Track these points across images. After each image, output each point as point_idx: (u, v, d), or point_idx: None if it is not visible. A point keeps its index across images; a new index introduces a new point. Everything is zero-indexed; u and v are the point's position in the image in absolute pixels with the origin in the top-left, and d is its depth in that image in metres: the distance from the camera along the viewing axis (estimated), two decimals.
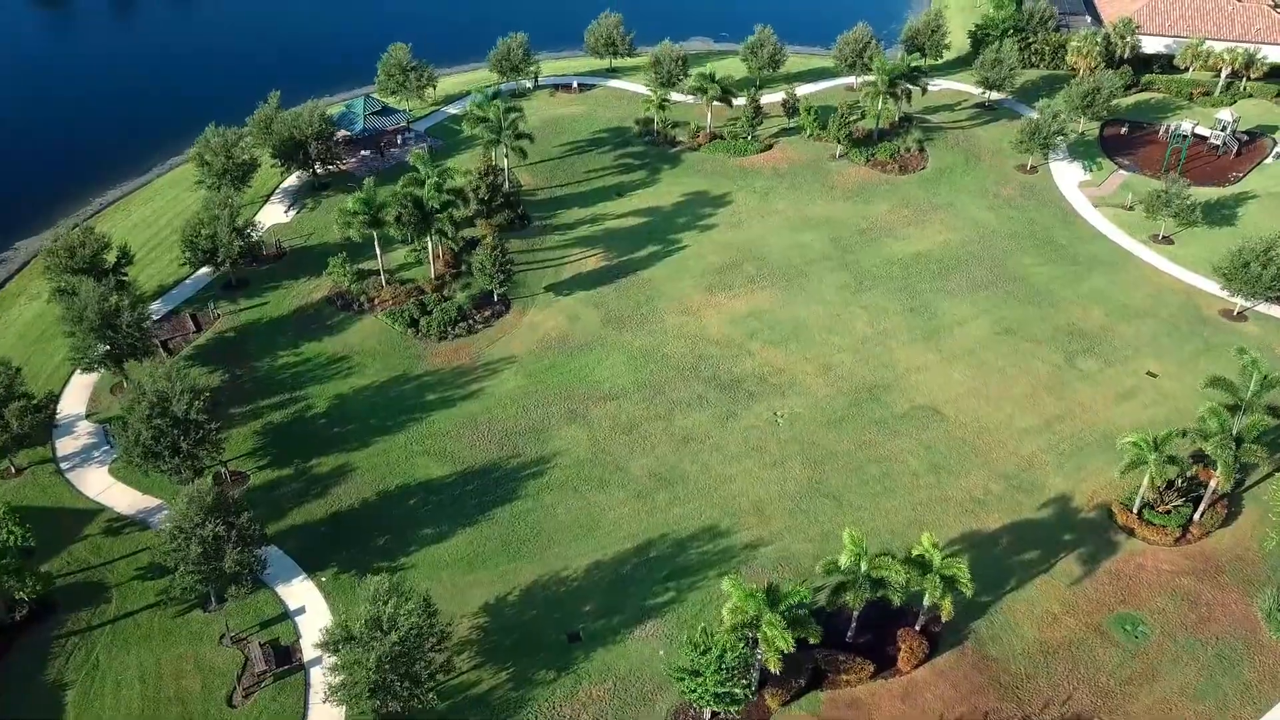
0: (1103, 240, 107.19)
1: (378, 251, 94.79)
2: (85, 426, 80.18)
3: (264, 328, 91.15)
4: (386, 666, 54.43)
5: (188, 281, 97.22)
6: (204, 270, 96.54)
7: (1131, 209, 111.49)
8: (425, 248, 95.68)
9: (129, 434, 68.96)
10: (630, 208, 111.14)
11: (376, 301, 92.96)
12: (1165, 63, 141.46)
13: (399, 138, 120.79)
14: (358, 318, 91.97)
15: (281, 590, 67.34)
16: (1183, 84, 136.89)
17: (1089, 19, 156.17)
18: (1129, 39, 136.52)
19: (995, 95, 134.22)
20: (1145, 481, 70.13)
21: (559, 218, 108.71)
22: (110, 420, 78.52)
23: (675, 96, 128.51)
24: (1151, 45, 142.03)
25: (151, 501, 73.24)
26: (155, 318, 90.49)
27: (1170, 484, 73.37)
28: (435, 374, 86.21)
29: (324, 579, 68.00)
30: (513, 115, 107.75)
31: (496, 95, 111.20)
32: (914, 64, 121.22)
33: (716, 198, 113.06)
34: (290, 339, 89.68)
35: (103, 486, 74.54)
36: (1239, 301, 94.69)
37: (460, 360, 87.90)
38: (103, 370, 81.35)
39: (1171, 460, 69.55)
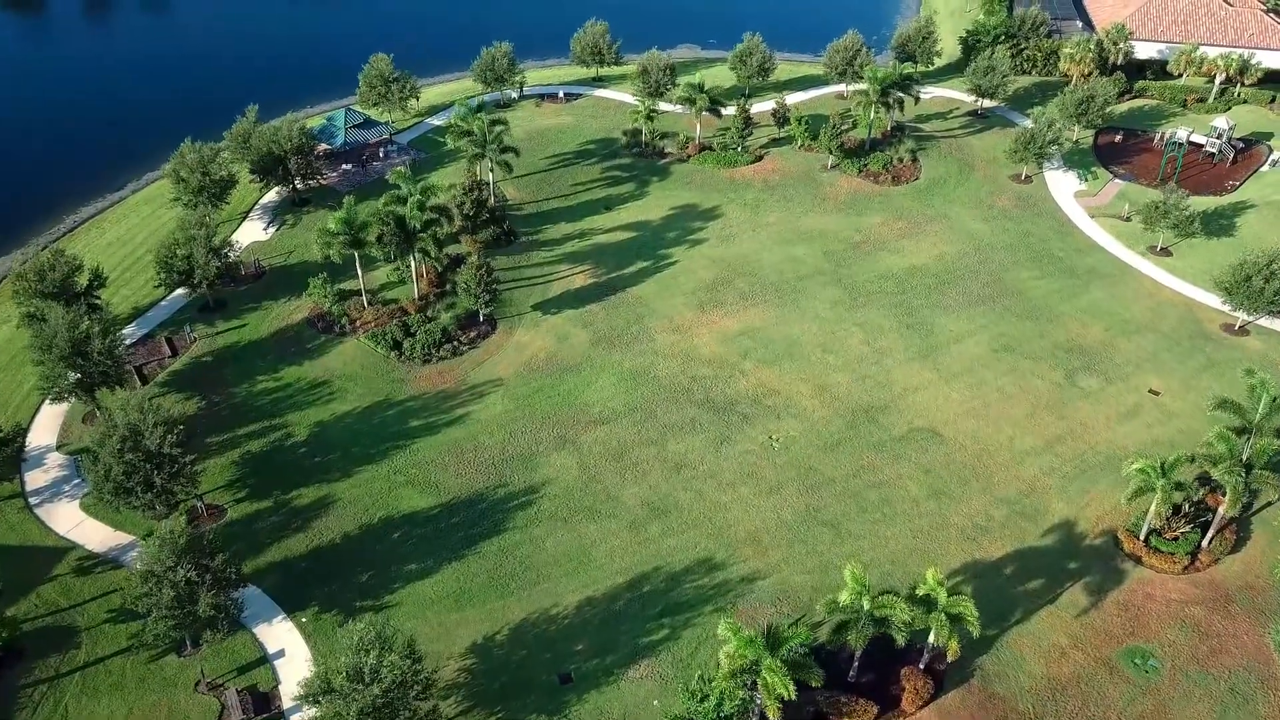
0: (1100, 252, 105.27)
1: (359, 271, 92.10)
2: (56, 458, 77.29)
3: (242, 351, 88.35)
4: (369, 718, 51.89)
5: (164, 303, 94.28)
6: (180, 292, 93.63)
7: (1128, 219, 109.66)
8: (408, 267, 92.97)
9: (99, 469, 66.19)
10: (619, 222, 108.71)
11: (358, 323, 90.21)
12: (1158, 69, 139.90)
13: (381, 151, 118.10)
14: (339, 340, 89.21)
15: (260, 632, 64.59)
16: (1176, 90, 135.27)
17: (1080, 24, 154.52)
18: (1122, 45, 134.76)
19: (987, 103, 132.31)
20: (1152, 508, 68.02)
21: (546, 233, 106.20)
22: (82, 452, 75.57)
23: (663, 106, 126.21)
24: (1144, 51, 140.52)
25: (124, 538, 70.40)
26: (129, 342, 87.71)
27: (1177, 509, 71.26)
28: (419, 399, 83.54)
29: (304, 619, 65.29)
30: (497, 129, 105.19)
31: (481, 108, 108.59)
32: (906, 72, 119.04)
33: (706, 211, 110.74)
34: (269, 363, 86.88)
35: (73, 522, 71.65)
36: (1241, 316, 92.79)
37: (445, 384, 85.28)
38: (74, 399, 78.47)
39: (1179, 486, 67.48)
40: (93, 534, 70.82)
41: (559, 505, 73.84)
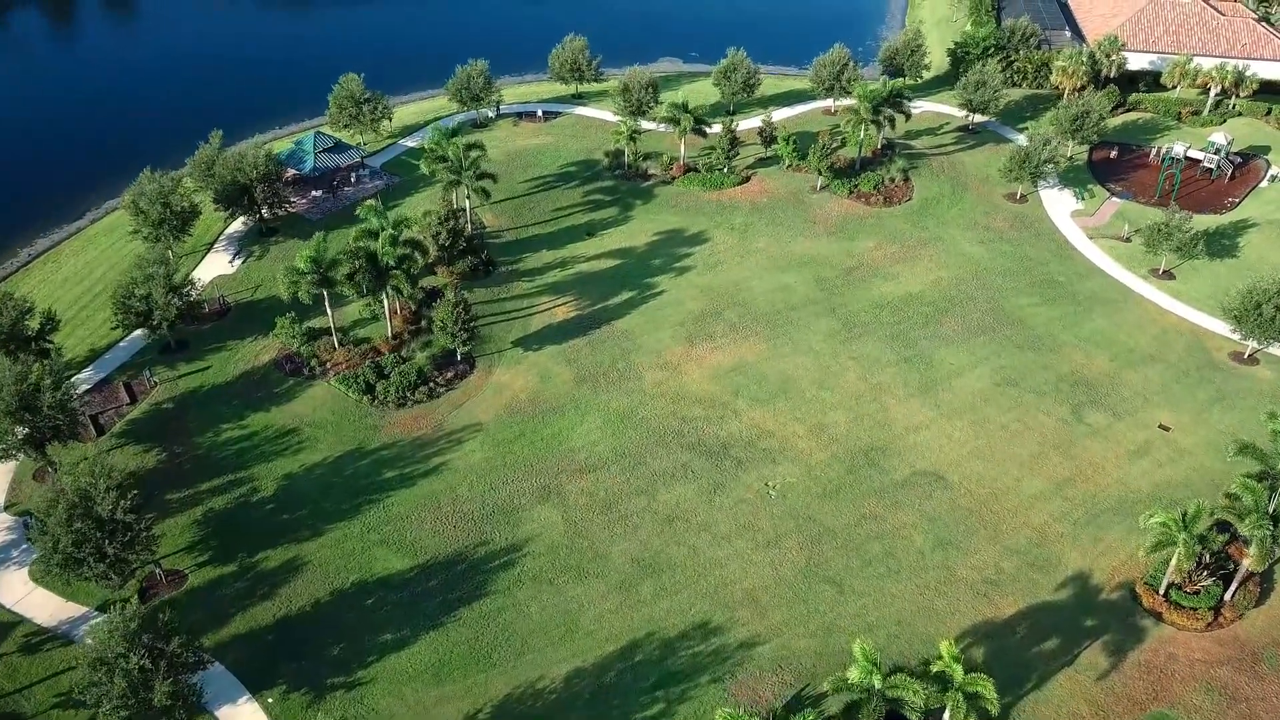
0: (1101, 276, 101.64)
1: (328, 309, 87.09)
2: (3, 520, 72.22)
3: (206, 397, 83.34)
4: None
5: (122, 344, 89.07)
6: (140, 332, 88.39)
7: (1128, 240, 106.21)
8: (381, 304, 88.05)
9: (47, 541, 61.30)
10: (602, 249, 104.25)
11: (329, 365, 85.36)
12: (1151, 80, 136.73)
13: (353, 175, 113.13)
14: (308, 384, 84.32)
15: (223, 715, 59.75)
16: (1170, 103, 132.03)
17: (1068, 33, 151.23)
18: (1115, 57, 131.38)
19: (978, 118, 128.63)
20: (1173, 563, 64.21)
21: (526, 262, 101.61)
22: (30, 513, 70.44)
23: (646, 125, 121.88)
24: (1136, 62, 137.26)
25: (76, 609, 65.47)
26: (85, 388, 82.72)
27: (1198, 560, 67.46)
28: (393, 447, 78.81)
29: (270, 700, 60.52)
30: (474, 154, 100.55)
31: (456, 132, 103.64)
32: (898, 88, 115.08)
33: (693, 236, 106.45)
34: (235, 409, 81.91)
35: (21, 594, 66.58)
36: (1251, 344, 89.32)
37: (420, 430, 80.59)
38: (23, 456, 73.38)
39: (1203, 540, 63.73)
40: (42, 606, 65.80)
41: (543, 565, 69.32)
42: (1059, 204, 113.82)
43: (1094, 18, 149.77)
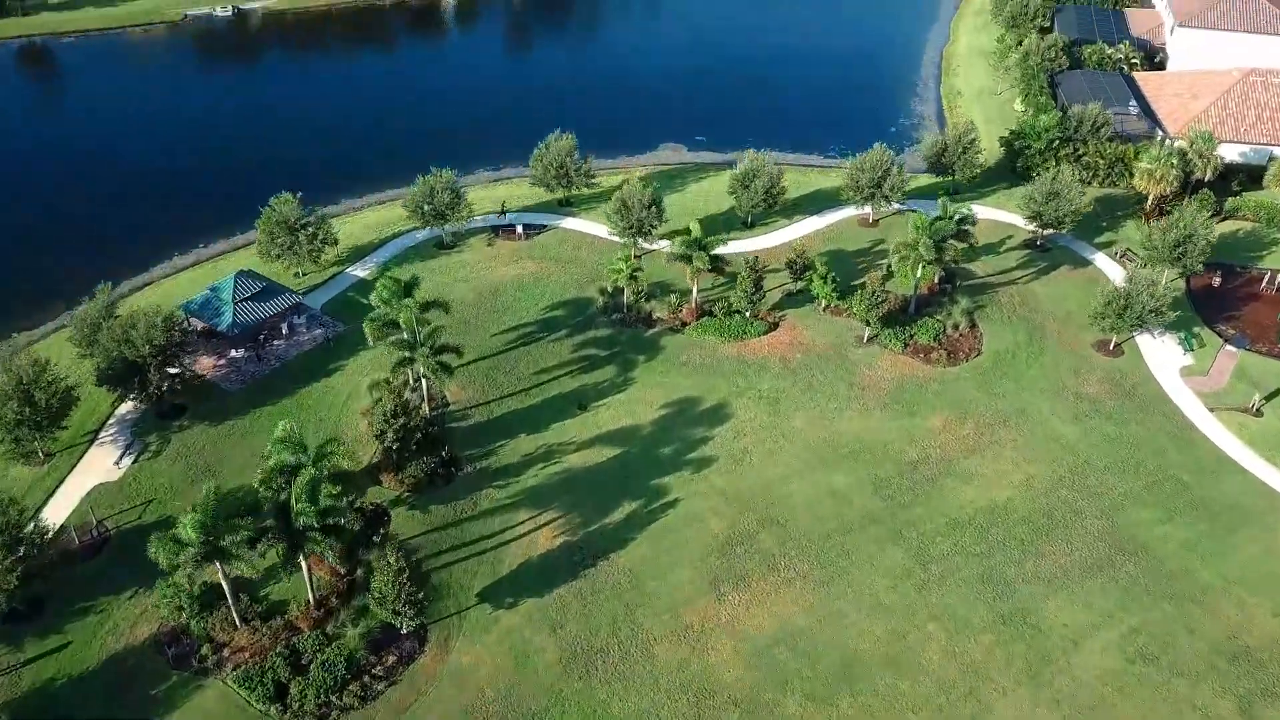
0: (1235, 471, 79.54)
1: (220, 570, 63.65)
2: None
3: (55, 699, 60.49)
4: None
5: None
6: None
7: (1259, 413, 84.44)
8: (300, 564, 65.02)
9: None
10: (597, 429, 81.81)
11: (227, 652, 62.56)
12: (1244, 177, 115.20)
13: (285, 325, 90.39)
14: (198, 683, 61.32)
15: None
16: (1274, 210, 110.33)
17: (1134, 109, 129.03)
18: (1210, 158, 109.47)
19: (1048, 230, 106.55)
20: None
21: (499, 455, 79.00)
22: None
23: (647, 245, 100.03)
24: (1225, 154, 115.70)
25: None
26: None
27: None
28: None
29: None
30: (432, 319, 78.39)
31: (410, 289, 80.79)
32: (964, 214, 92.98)
33: (710, 410, 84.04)
34: None
35: None
36: None
37: None
38: None
39: None
40: None
41: None
42: (1161, 355, 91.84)
43: (1166, 96, 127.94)
